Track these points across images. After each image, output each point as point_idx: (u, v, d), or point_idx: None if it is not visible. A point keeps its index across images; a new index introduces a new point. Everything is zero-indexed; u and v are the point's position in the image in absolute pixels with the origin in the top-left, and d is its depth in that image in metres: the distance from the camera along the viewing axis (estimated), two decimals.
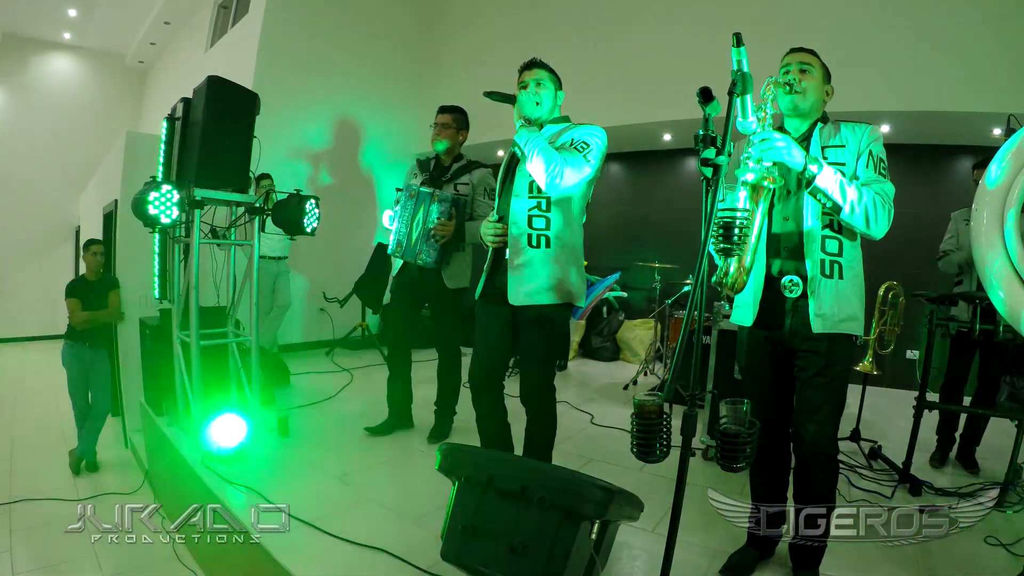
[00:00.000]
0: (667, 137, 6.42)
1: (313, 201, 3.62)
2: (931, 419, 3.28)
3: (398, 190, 3.43)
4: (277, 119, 6.04)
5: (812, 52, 2.03)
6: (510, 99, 2.37)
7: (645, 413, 1.54)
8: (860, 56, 4.57)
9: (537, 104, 2.37)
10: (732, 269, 1.76)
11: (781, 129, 1.95)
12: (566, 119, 2.49)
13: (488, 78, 6.64)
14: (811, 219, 1.90)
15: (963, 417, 3.46)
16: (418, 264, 3.22)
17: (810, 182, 1.77)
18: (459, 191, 3.32)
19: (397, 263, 3.46)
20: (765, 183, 1.74)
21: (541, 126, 2.41)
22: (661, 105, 5.63)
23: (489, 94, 2.38)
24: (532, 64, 2.44)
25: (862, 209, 1.77)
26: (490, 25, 7.22)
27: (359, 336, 6.83)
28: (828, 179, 1.76)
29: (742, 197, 1.68)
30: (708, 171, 1.49)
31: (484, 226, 2.43)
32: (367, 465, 3.11)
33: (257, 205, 3.51)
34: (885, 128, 5.00)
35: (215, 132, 3.15)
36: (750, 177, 1.74)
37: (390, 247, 3.36)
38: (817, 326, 1.88)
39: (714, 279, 1.76)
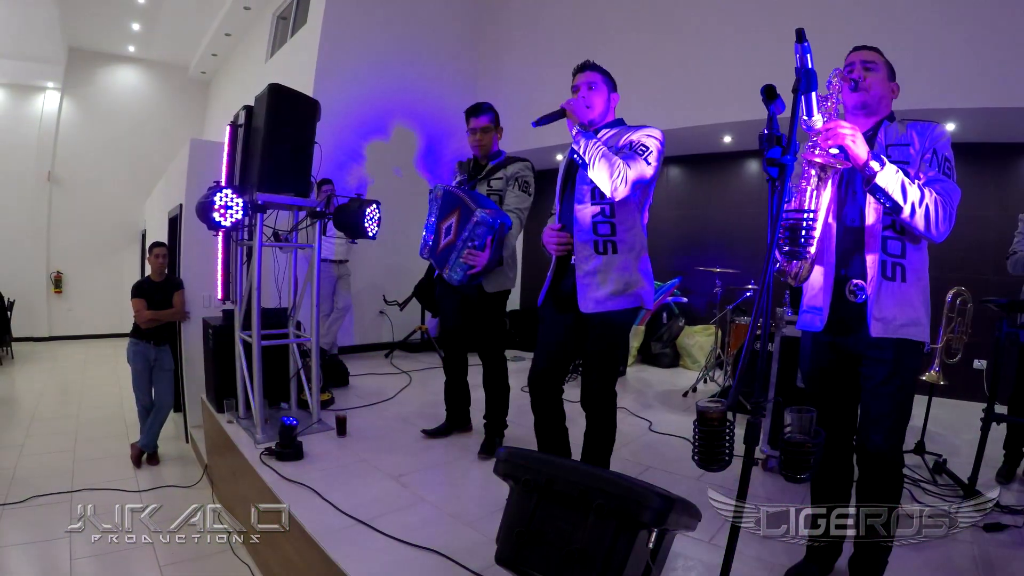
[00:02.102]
0: (727, 139, 6.29)
1: (375, 206, 3.68)
2: (998, 432, 3.13)
3: (431, 191, 3.32)
4: (337, 125, 6.17)
5: (876, 49, 1.97)
6: (557, 115, 2.30)
7: (708, 420, 1.51)
8: (924, 52, 4.41)
9: (588, 108, 2.35)
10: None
11: None
12: (620, 121, 2.47)
13: (545, 76, 6.73)
14: (871, 215, 1.83)
15: None
16: (443, 276, 3.16)
17: (870, 180, 1.71)
18: (492, 187, 3.27)
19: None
20: (833, 162, 1.70)
21: (597, 131, 2.38)
22: (721, 106, 5.51)
23: (537, 123, 2.29)
24: (584, 67, 2.43)
25: (923, 211, 1.69)
26: (546, 24, 7.24)
27: (418, 339, 6.92)
28: (889, 178, 1.68)
29: (810, 179, 1.65)
30: (774, 171, 1.46)
31: (547, 235, 2.43)
32: (423, 466, 3.14)
33: (318, 209, 3.60)
34: (950, 126, 4.80)
35: (277, 138, 3.24)
36: (819, 159, 1.70)
37: (420, 249, 3.31)
38: (876, 330, 1.81)
39: (778, 265, 1.71)
